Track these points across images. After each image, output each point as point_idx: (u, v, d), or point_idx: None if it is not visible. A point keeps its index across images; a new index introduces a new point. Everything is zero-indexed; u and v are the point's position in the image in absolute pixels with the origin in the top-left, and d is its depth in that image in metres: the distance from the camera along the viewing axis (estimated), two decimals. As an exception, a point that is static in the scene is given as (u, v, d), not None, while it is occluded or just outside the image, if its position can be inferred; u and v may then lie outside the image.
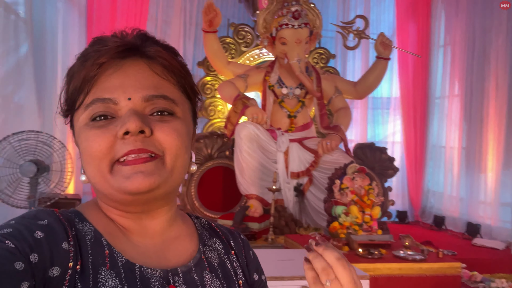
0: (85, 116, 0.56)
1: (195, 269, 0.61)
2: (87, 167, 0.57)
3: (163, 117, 0.57)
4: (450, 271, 2.65)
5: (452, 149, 5.16)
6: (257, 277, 0.72)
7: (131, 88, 0.56)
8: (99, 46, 0.57)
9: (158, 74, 0.58)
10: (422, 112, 5.57)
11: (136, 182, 0.54)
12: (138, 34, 0.59)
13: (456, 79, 5.13)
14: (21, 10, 3.71)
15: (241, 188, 4.09)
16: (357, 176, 3.24)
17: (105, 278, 0.52)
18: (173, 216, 0.65)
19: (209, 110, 5.08)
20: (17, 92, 3.85)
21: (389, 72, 5.61)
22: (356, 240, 2.94)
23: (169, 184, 0.58)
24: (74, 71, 0.58)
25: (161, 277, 0.57)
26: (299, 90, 4.49)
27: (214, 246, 0.68)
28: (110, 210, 0.60)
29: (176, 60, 0.61)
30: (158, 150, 0.55)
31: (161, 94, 0.57)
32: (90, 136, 0.55)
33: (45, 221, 0.52)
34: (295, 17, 4.22)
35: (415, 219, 5.51)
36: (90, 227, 0.57)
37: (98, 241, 0.55)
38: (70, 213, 0.57)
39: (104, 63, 0.56)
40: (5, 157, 3.17)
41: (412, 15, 5.57)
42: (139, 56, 0.58)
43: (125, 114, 0.55)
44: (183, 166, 0.59)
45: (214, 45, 4.51)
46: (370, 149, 4.67)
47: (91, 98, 0.56)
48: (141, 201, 0.57)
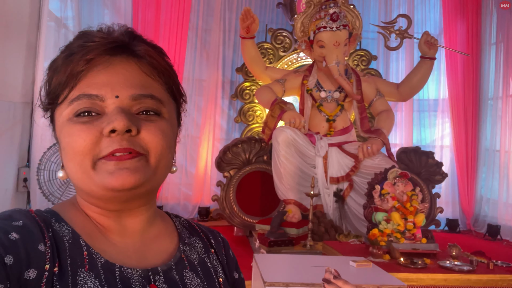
0: (69, 111, 0.55)
1: (175, 268, 0.61)
2: (69, 163, 0.56)
3: (149, 117, 0.57)
4: (502, 283, 2.45)
5: (507, 153, 4.80)
6: (237, 275, 0.72)
7: (119, 86, 0.55)
8: (85, 41, 0.56)
9: (146, 74, 0.58)
10: (473, 114, 5.25)
11: (121, 178, 0.53)
12: (125, 31, 0.58)
13: (510, 78, 4.79)
14: (71, 24, 3.95)
15: (279, 193, 4.06)
16: (399, 182, 3.10)
17: (84, 279, 0.51)
18: (153, 215, 0.64)
19: (247, 115, 5.11)
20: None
21: (437, 72, 5.35)
22: (397, 249, 2.81)
23: (151, 183, 0.57)
24: (58, 64, 0.56)
25: (141, 277, 0.56)
26: (338, 93, 4.39)
27: (194, 244, 0.68)
28: (90, 208, 0.59)
29: (164, 60, 0.60)
30: (143, 150, 0.55)
31: (149, 94, 0.57)
32: (75, 132, 0.54)
33: (20, 222, 0.51)
34: (333, 19, 4.14)
35: (467, 228, 5.18)
36: (67, 228, 0.55)
37: (76, 242, 0.54)
38: (46, 213, 0.56)
39: (93, 59, 0.55)
40: (57, 162, 3.37)
41: (460, 13, 5.29)
42: (128, 54, 0.57)
43: (112, 112, 0.54)
44: (166, 166, 0.59)
45: (251, 51, 4.54)
46: (415, 154, 4.45)
47: (77, 93, 0.55)
48: (122, 199, 0.56)
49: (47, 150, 3.31)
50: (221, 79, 5.40)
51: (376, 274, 2.05)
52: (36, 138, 3.67)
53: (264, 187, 4.33)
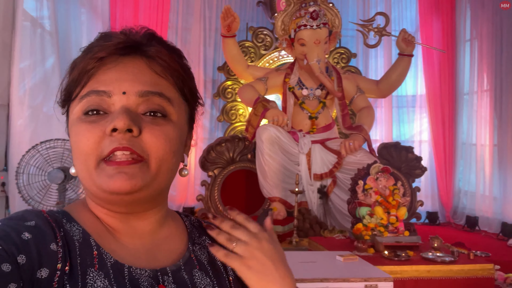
0: (79, 108, 0.56)
1: (184, 268, 0.61)
2: (76, 161, 0.57)
3: (156, 119, 0.56)
4: (483, 273, 2.53)
5: (483, 146, 4.95)
6: None
7: (127, 82, 0.56)
8: (103, 41, 0.57)
9: (156, 73, 0.58)
10: (450, 109, 5.39)
11: (118, 182, 0.53)
12: (145, 33, 0.59)
13: (485, 73, 4.94)
14: (47, 24, 3.86)
15: (264, 191, 4.07)
16: (381, 176, 3.16)
17: (94, 279, 0.52)
18: (163, 217, 0.64)
19: (230, 114, 5.10)
20: (46, 103, 3.99)
21: (414, 69, 5.47)
22: (381, 242, 2.86)
23: (152, 188, 0.57)
24: (76, 62, 0.58)
25: (150, 277, 0.56)
26: (320, 91, 4.44)
27: (204, 244, 0.68)
28: (98, 209, 0.59)
29: (178, 62, 0.60)
30: (143, 152, 0.55)
31: (157, 91, 0.57)
32: (81, 131, 0.55)
33: (32, 222, 0.52)
34: (313, 18, 4.18)
35: (447, 220, 5.32)
36: (78, 228, 0.56)
37: (86, 242, 0.55)
38: (57, 214, 0.57)
39: (104, 57, 0.56)
40: (35, 165, 3.29)
41: (435, 10, 5.42)
42: (139, 55, 0.58)
43: (116, 111, 0.54)
44: (169, 171, 0.58)
45: (233, 50, 4.54)
46: (395, 149, 4.55)
47: (87, 90, 0.56)
48: (124, 202, 0.57)
49: (26, 153, 3.22)
50: (202, 78, 5.37)
51: (363, 268, 2.09)
52: (14, 141, 3.57)
53: (248, 186, 4.34)
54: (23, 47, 3.56)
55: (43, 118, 3.95)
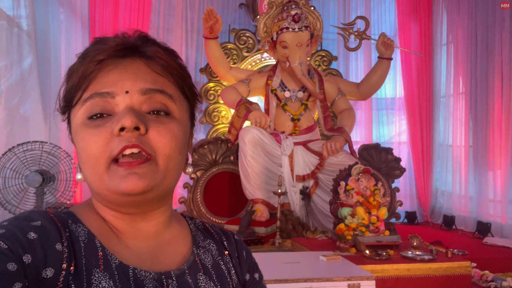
0: (82, 112, 0.57)
1: (188, 272, 0.61)
2: (84, 166, 0.57)
3: (160, 117, 0.57)
4: (460, 270, 2.61)
5: (459, 147, 5.10)
6: (248, 276, 0.71)
7: (129, 81, 0.57)
8: (99, 45, 0.58)
9: (156, 72, 0.59)
10: (427, 111, 5.53)
11: (131, 183, 0.54)
12: (139, 35, 0.61)
13: (461, 77, 5.10)
14: (24, 23, 3.77)
15: (247, 193, 4.08)
16: (362, 177, 3.22)
17: (99, 279, 0.52)
18: (168, 218, 0.64)
19: (212, 116, 5.09)
20: (23, 104, 3.90)
21: (393, 72, 5.59)
22: (363, 242, 2.91)
23: (162, 187, 0.57)
24: (73, 69, 0.59)
25: (154, 280, 0.57)
26: (302, 93, 4.48)
27: (208, 247, 0.68)
28: (105, 211, 0.60)
29: (175, 61, 0.61)
30: (151, 150, 0.55)
31: (159, 88, 0.58)
32: (87, 136, 0.55)
33: (38, 222, 0.52)
34: (295, 21, 4.23)
35: (425, 219, 5.45)
36: (83, 229, 0.57)
37: (91, 243, 0.55)
38: (63, 214, 0.57)
39: (103, 60, 0.57)
40: (12, 168, 3.20)
41: (413, 15, 5.56)
42: (138, 56, 0.59)
43: (121, 111, 0.55)
44: (176, 168, 0.59)
45: (215, 51, 4.54)
46: (375, 150, 4.63)
47: (89, 93, 0.56)
48: (134, 203, 0.57)
49: (2, 155, 3.14)
50: (184, 79, 5.33)
51: (346, 267, 2.12)
52: (-11, 144, 3.46)
53: (231, 188, 4.33)
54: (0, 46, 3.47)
55: (19, 119, 3.85)
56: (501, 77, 4.42)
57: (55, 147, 3.23)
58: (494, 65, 4.50)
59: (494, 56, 4.49)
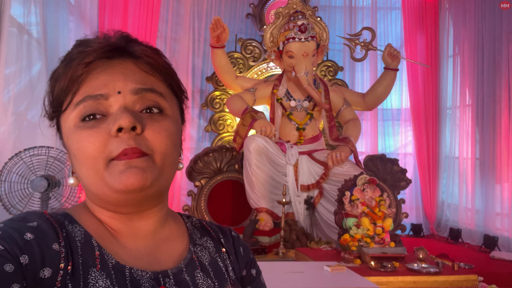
0: (74, 115, 0.56)
1: (186, 270, 0.61)
2: (81, 168, 0.57)
3: (153, 115, 0.58)
4: (467, 284, 2.57)
5: (465, 159, 5.06)
6: (245, 272, 0.71)
7: (120, 82, 0.57)
8: (83, 47, 0.58)
9: (145, 71, 0.60)
10: (433, 123, 5.51)
11: (132, 177, 0.54)
12: (121, 35, 0.61)
13: (467, 88, 5.08)
14: (34, 30, 3.82)
15: (251, 202, 4.06)
16: (368, 188, 3.19)
17: (96, 279, 0.52)
18: (164, 216, 0.65)
19: (218, 124, 5.10)
20: (30, 110, 3.93)
21: (399, 83, 5.59)
22: (368, 253, 2.87)
23: (160, 183, 0.58)
24: (59, 73, 0.58)
25: (151, 279, 0.57)
26: (307, 102, 4.49)
27: (205, 245, 0.68)
28: (101, 212, 0.60)
29: (161, 59, 0.62)
30: (148, 149, 0.56)
31: (150, 87, 0.58)
32: (83, 137, 0.55)
33: (34, 223, 0.52)
34: (302, 31, 4.25)
35: (431, 232, 5.38)
36: (80, 229, 0.57)
37: (88, 243, 0.55)
38: (60, 215, 0.57)
39: (91, 62, 0.57)
40: (18, 173, 3.22)
41: (419, 27, 5.57)
42: (126, 56, 0.59)
43: (116, 111, 0.55)
44: (172, 165, 0.59)
45: (222, 60, 4.57)
46: (381, 161, 4.61)
47: (82, 96, 0.56)
48: (133, 201, 0.57)
49: (9, 160, 3.16)
50: (191, 88, 5.36)
51: (351, 278, 2.09)
52: (-4, 149, 3.48)
53: (235, 196, 4.32)
54: (9, 53, 3.51)
55: (27, 125, 3.87)
56: (508, 89, 4.40)
57: (61, 152, 3.25)
58: (501, 77, 4.48)
59: (501, 68, 4.48)
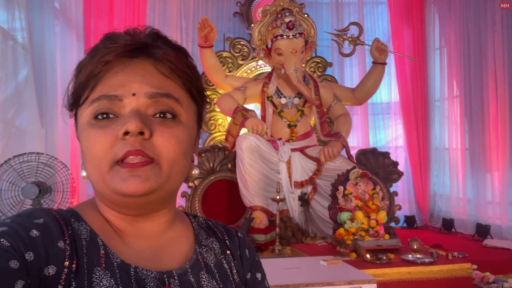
0: (88, 112, 0.56)
1: (191, 271, 0.61)
2: (88, 166, 0.57)
3: (165, 121, 0.57)
4: (461, 272, 2.60)
5: (455, 150, 5.12)
6: (249, 275, 0.70)
7: (136, 84, 0.56)
8: (109, 43, 0.57)
9: (164, 75, 0.59)
10: (422, 115, 5.56)
11: (132, 186, 0.53)
12: (150, 33, 0.60)
13: (454, 80, 5.13)
14: (19, 36, 3.77)
15: (245, 200, 4.07)
16: (360, 181, 3.22)
17: (100, 278, 0.52)
18: (171, 218, 0.64)
19: (209, 124, 5.09)
20: (18, 116, 3.87)
21: (387, 77, 5.62)
22: (363, 246, 2.90)
23: (165, 190, 0.57)
24: (82, 65, 0.58)
25: (156, 279, 0.56)
26: (298, 99, 4.50)
27: (211, 246, 0.67)
28: (107, 211, 0.60)
29: (184, 62, 0.61)
30: (154, 154, 0.55)
31: (165, 92, 0.57)
32: (92, 136, 0.55)
33: (41, 220, 0.52)
34: (290, 28, 4.26)
35: (424, 223, 5.44)
36: (86, 227, 0.57)
37: (93, 241, 0.55)
38: (66, 212, 0.57)
39: (110, 61, 0.56)
40: (8, 180, 3.18)
41: (406, 20, 5.61)
42: (147, 56, 0.58)
43: (127, 114, 0.55)
44: (180, 172, 0.58)
45: (211, 60, 4.55)
46: (372, 155, 4.64)
47: (98, 94, 0.56)
48: (136, 205, 0.57)
49: (-2, 168, 3.11)
50: (180, 88, 5.34)
51: (347, 271, 2.11)
52: (-16, 157, 3.43)
53: (229, 195, 4.32)
54: (-6, 59, 3.46)
55: (15, 132, 3.82)
56: (495, 79, 4.46)
57: (52, 158, 3.21)
58: (487, 68, 4.54)
59: (487, 59, 4.53)
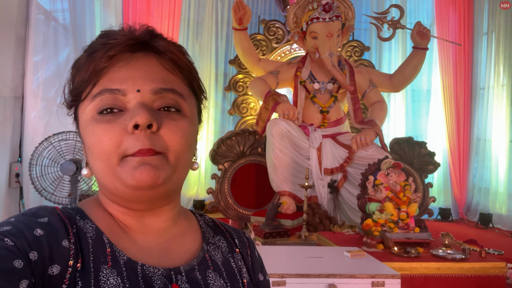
0: (91, 107, 0.56)
1: (198, 268, 0.61)
2: (95, 161, 0.57)
3: (171, 114, 0.57)
4: (494, 271, 2.49)
5: (498, 142, 4.84)
6: (262, 277, 0.71)
7: (141, 80, 0.56)
8: (107, 39, 0.57)
9: (167, 69, 0.59)
10: (465, 104, 5.29)
11: (144, 173, 0.53)
12: (146, 30, 0.60)
13: (502, 67, 4.81)
14: (61, 17, 3.89)
15: (274, 185, 4.07)
16: (392, 172, 3.12)
17: (107, 276, 0.52)
18: (177, 214, 0.64)
19: (241, 107, 5.09)
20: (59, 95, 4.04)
21: (429, 63, 5.37)
22: (391, 238, 2.83)
23: (172, 181, 0.57)
24: (81, 62, 0.58)
25: (163, 276, 0.56)
26: (332, 84, 4.39)
27: (218, 244, 0.67)
28: (113, 207, 0.59)
29: (184, 57, 0.61)
30: (162, 148, 0.55)
31: (170, 88, 0.57)
32: (99, 131, 0.55)
33: (45, 219, 0.52)
34: (326, 10, 4.13)
35: (460, 216, 5.24)
36: (91, 225, 0.56)
37: (99, 239, 0.55)
38: (71, 210, 0.57)
39: (115, 55, 0.56)
40: (48, 157, 3.35)
41: (452, 2, 5.29)
42: (149, 51, 0.59)
43: (134, 107, 0.55)
44: (185, 164, 0.59)
45: (244, 43, 4.52)
46: (408, 144, 4.48)
47: (100, 89, 0.56)
48: (144, 198, 0.57)
49: (39, 145, 3.28)
50: (214, 71, 5.37)
51: (370, 264, 2.07)
52: (27, 133, 3.63)
53: (258, 179, 4.34)
54: (37, 40, 3.60)
55: (57, 110, 4.01)
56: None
57: (88, 137, 3.34)
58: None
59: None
